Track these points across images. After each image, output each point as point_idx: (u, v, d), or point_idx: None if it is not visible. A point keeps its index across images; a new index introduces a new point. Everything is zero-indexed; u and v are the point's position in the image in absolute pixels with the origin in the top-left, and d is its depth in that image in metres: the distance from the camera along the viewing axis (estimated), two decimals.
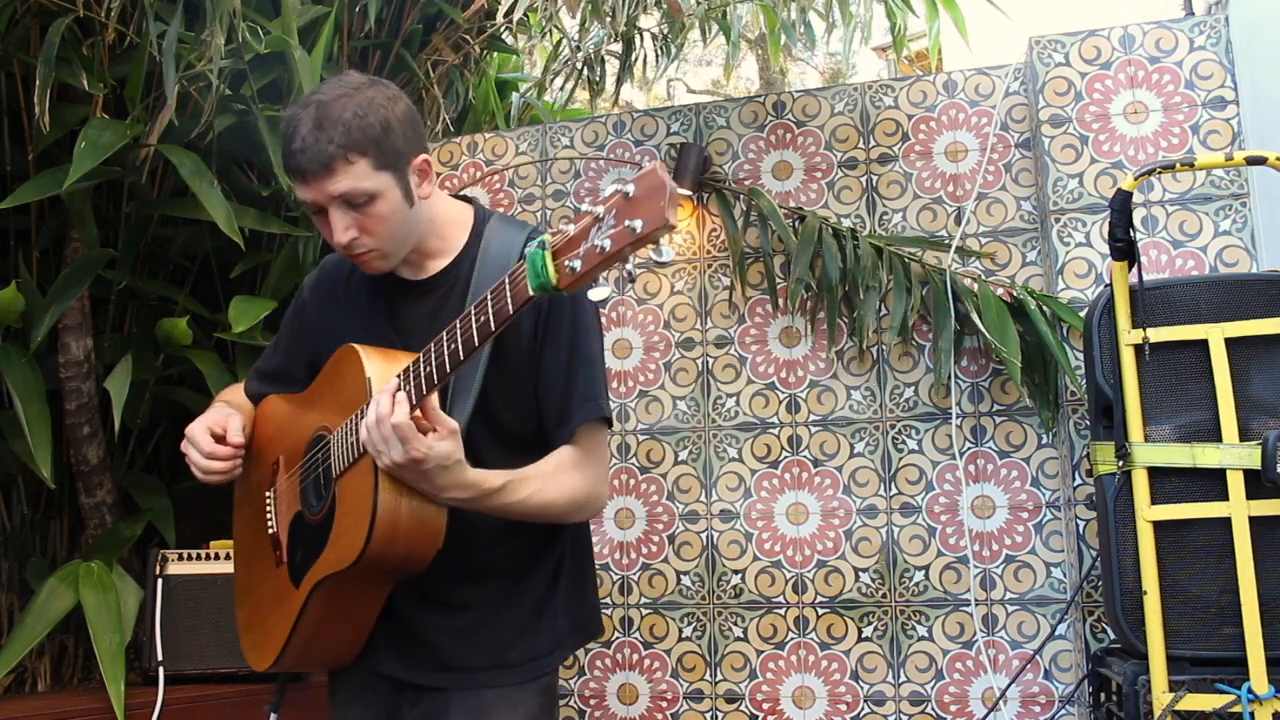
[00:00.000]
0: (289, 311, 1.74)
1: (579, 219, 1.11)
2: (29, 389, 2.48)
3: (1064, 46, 2.92)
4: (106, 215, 2.88)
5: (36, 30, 2.68)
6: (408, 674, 1.53)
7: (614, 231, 1.06)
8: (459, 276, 1.54)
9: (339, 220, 1.43)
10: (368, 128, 1.41)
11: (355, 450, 1.40)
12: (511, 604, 1.53)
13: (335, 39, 3.16)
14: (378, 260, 1.49)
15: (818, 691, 2.97)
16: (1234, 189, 2.73)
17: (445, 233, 1.56)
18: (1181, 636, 2.07)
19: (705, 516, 3.13)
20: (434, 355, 1.30)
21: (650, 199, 1.04)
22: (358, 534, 1.37)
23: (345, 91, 1.43)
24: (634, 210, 1.05)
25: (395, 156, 1.44)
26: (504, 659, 1.51)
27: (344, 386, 1.48)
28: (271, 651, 1.57)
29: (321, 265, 1.72)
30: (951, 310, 2.88)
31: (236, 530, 1.77)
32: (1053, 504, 2.87)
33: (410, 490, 1.37)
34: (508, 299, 1.19)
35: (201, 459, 1.60)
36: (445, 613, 1.52)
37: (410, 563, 1.42)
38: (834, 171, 3.18)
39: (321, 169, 1.40)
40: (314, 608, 1.48)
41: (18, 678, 2.67)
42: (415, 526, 1.38)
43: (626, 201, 1.06)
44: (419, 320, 1.54)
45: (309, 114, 1.41)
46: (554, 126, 3.50)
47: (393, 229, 1.46)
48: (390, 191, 1.44)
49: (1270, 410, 2.10)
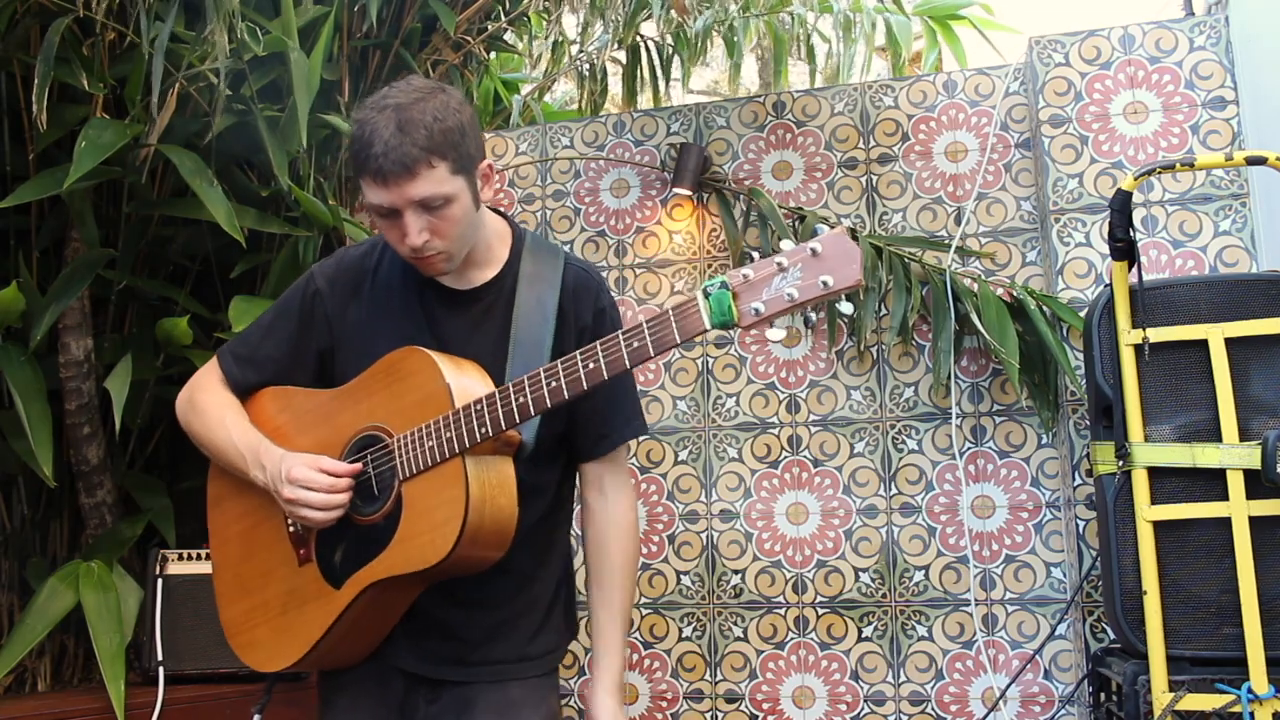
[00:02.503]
0: (294, 300, 1.65)
1: (757, 265, 1.22)
2: (29, 389, 2.47)
3: (1064, 46, 2.92)
4: (106, 215, 2.88)
5: (36, 30, 2.67)
6: (431, 670, 1.54)
7: (802, 284, 1.19)
8: (502, 291, 1.56)
9: (414, 223, 1.43)
10: (448, 131, 1.41)
11: (436, 454, 1.41)
12: (530, 600, 1.58)
13: (335, 39, 3.15)
14: (444, 263, 1.49)
15: (818, 691, 2.97)
16: (1234, 189, 2.73)
17: (491, 243, 1.58)
18: (1181, 636, 2.07)
19: (705, 516, 3.13)
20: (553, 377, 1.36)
21: (842, 259, 1.18)
22: (442, 535, 1.39)
23: (420, 95, 1.43)
24: (823, 267, 1.19)
25: (469, 160, 1.45)
26: (527, 652, 1.56)
27: (409, 389, 1.47)
28: (293, 653, 1.55)
29: (340, 258, 1.67)
30: (951, 310, 2.88)
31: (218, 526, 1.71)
32: (1053, 504, 2.87)
33: (492, 494, 1.41)
34: (673, 330, 1.28)
35: (325, 496, 1.47)
36: (472, 610, 1.54)
37: (480, 564, 1.45)
38: (834, 171, 3.18)
39: (405, 171, 1.39)
40: (357, 609, 1.49)
41: (18, 678, 2.67)
42: (494, 529, 1.42)
43: (815, 258, 1.19)
44: (459, 329, 1.55)
45: (387, 117, 1.40)
46: (554, 126, 3.50)
47: (462, 232, 1.48)
48: (464, 195, 1.45)
49: (1270, 410, 2.11)
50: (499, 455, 1.45)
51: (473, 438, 1.39)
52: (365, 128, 1.41)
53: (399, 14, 3.41)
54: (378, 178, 1.41)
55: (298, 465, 1.49)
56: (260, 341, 1.66)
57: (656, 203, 3.33)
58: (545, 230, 3.41)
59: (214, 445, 1.64)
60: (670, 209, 3.30)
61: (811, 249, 1.19)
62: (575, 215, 3.40)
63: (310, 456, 1.51)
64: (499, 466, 1.44)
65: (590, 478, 1.62)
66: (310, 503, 1.47)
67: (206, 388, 1.68)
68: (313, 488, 1.47)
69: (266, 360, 1.65)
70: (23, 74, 2.70)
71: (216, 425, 1.63)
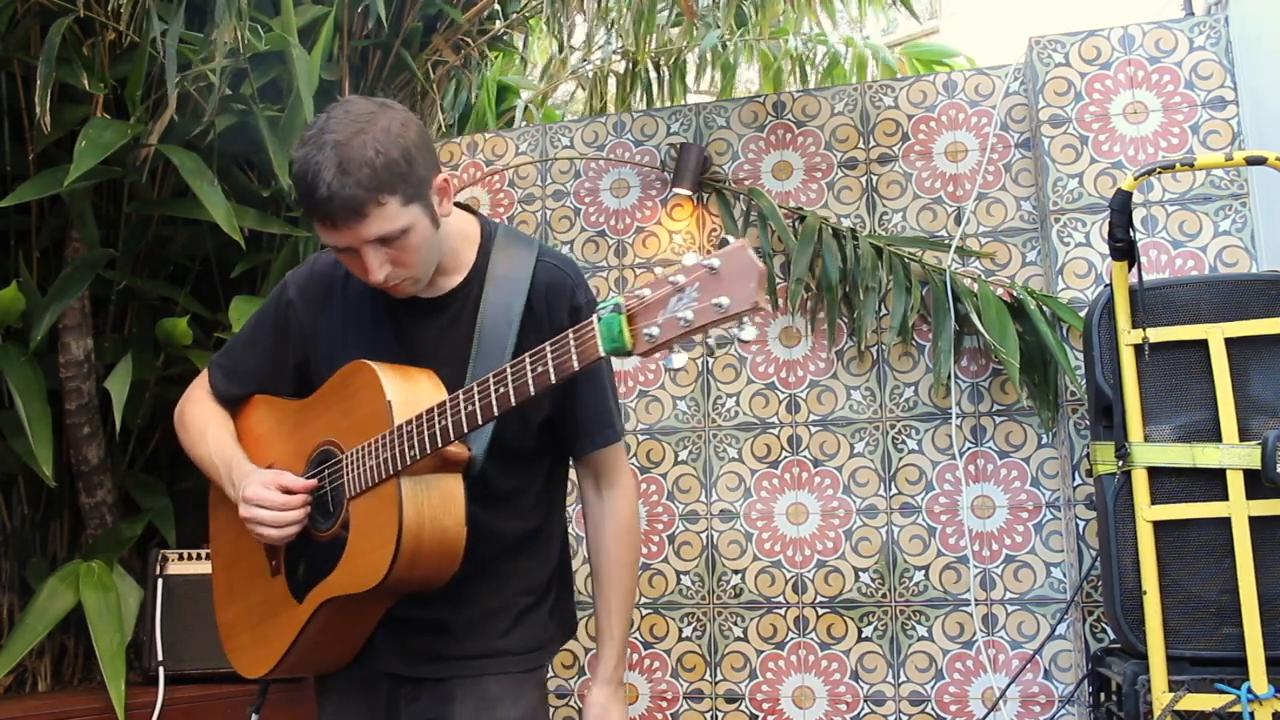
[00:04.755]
0: (270, 310, 1.65)
1: (655, 284, 1.10)
2: (29, 389, 2.48)
3: (1064, 46, 2.92)
4: (106, 215, 2.88)
5: (37, 30, 2.68)
6: (411, 669, 1.54)
7: (698, 306, 1.05)
8: (469, 296, 1.53)
9: (373, 259, 1.39)
10: (392, 164, 1.35)
11: (376, 474, 1.38)
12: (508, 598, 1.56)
13: (335, 39, 3.15)
14: (410, 286, 1.47)
15: (818, 691, 2.97)
16: (1234, 189, 2.73)
17: (457, 248, 1.54)
18: (1181, 636, 2.07)
19: (705, 516, 3.13)
20: (478, 396, 1.29)
21: (739, 278, 1.04)
22: (379, 559, 1.36)
23: (358, 126, 1.36)
24: (720, 287, 1.04)
25: (420, 185, 1.40)
26: (504, 647, 1.54)
27: (357, 404, 1.45)
28: (267, 660, 1.57)
29: (311, 265, 1.65)
30: (951, 310, 2.88)
31: (215, 531, 1.73)
32: (1053, 504, 2.87)
33: (432, 515, 1.37)
34: (573, 355, 1.18)
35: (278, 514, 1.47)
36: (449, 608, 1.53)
37: (428, 584, 1.42)
38: (834, 171, 3.18)
39: (353, 215, 1.34)
40: (318, 623, 1.48)
41: (18, 678, 2.67)
42: (437, 550, 1.38)
43: (712, 275, 1.05)
44: (427, 338, 1.53)
45: (327, 157, 1.33)
46: (554, 126, 3.50)
47: (423, 256, 1.44)
48: (420, 222, 1.40)
49: (1270, 410, 2.10)
50: (444, 473, 1.39)
51: (403, 459, 1.34)
52: (307, 168, 1.34)
53: (399, 14, 3.41)
54: (326, 221, 1.36)
55: (253, 484, 1.50)
56: (241, 354, 1.68)
57: (656, 203, 3.33)
58: (545, 230, 3.41)
59: (198, 460, 1.67)
60: (670, 209, 3.30)
61: (709, 265, 1.06)
62: (575, 215, 3.40)
63: (271, 474, 1.52)
64: (442, 485, 1.38)
65: (583, 475, 1.61)
66: (263, 520, 1.48)
67: (195, 399, 1.71)
68: (266, 505, 1.48)
69: (248, 373, 1.66)
70: (23, 74, 2.71)
71: (199, 440, 1.65)
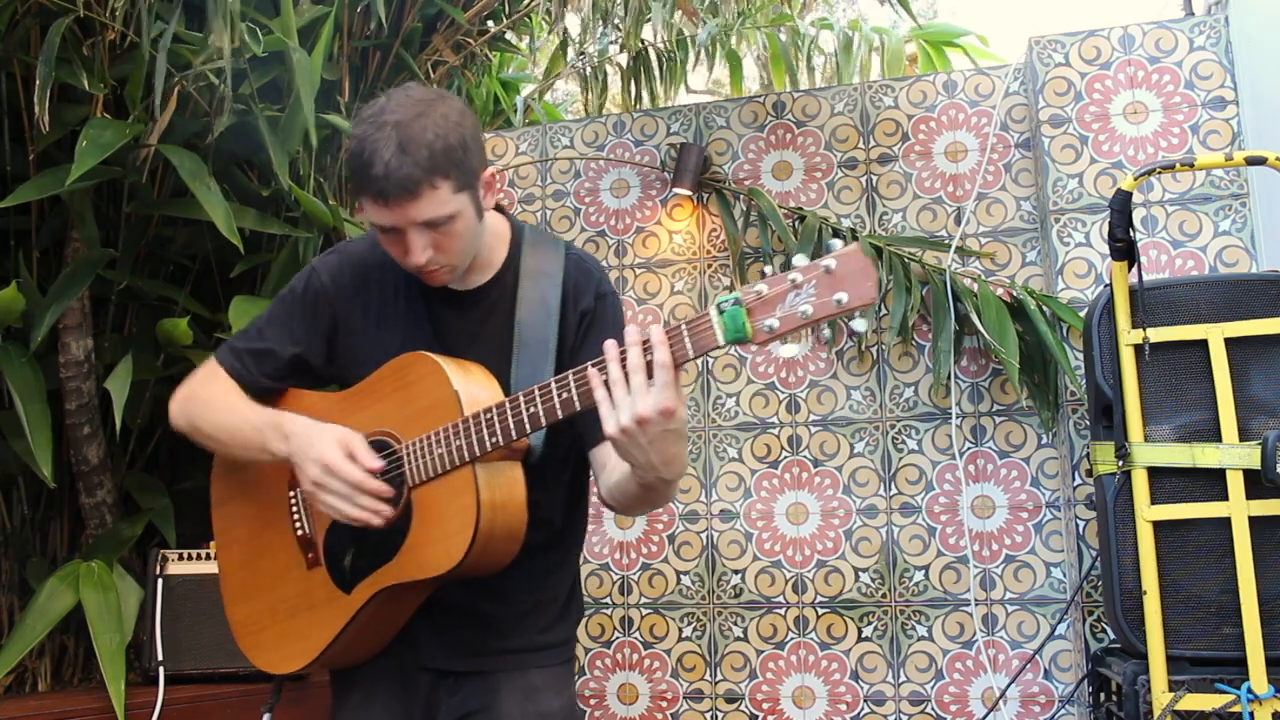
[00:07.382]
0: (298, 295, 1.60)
1: (771, 281, 1.21)
2: (29, 389, 2.47)
3: (1064, 46, 2.92)
4: (106, 215, 2.88)
5: (37, 30, 2.68)
6: (455, 662, 1.55)
7: (817, 301, 1.17)
8: (504, 290, 1.55)
9: (417, 241, 1.41)
10: (450, 149, 1.37)
11: (445, 462, 1.40)
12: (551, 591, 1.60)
13: (335, 39, 3.15)
14: (447, 274, 1.48)
15: (818, 691, 2.97)
16: (1234, 189, 2.73)
17: (491, 244, 1.57)
18: (1181, 636, 2.07)
19: (705, 516, 3.13)
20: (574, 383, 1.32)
21: (858, 277, 1.16)
22: (454, 544, 1.39)
23: (420, 109, 1.38)
24: (838, 285, 1.17)
25: (471, 175, 1.42)
26: (547, 641, 1.58)
27: (417, 394, 1.47)
28: (304, 655, 1.56)
29: (342, 253, 1.63)
30: (951, 310, 2.88)
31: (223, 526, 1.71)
32: (1053, 504, 2.87)
33: (502, 501, 1.40)
34: (687, 345, 1.24)
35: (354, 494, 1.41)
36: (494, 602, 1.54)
37: (492, 568, 1.45)
38: (834, 171, 3.18)
39: (407, 194, 1.36)
40: (369, 612, 1.50)
41: (18, 678, 2.67)
42: (505, 534, 1.42)
43: (828, 275, 1.17)
44: (464, 330, 1.55)
45: (388, 136, 1.35)
46: (554, 126, 3.50)
47: (465, 244, 1.46)
48: (467, 210, 1.42)
49: (1270, 410, 2.11)
50: (508, 460, 1.44)
51: (483, 446, 1.38)
52: (365, 146, 1.37)
53: (399, 14, 3.41)
54: (379, 199, 1.38)
55: (331, 448, 1.43)
56: (273, 336, 1.60)
57: (656, 203, 3.33)
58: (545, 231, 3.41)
59: (224, 430, 1.58)
60: (670, 209, 3.30)
61: (826, 266, 1.18)
62: (575, 215, 3.40)
63: (345, 434, 1.45)
64: (508, 472, 1.44)
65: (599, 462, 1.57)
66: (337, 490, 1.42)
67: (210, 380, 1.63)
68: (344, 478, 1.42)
69: (280, 357, 1.59)
70: (23, 74, 2.70)
71: (226, 410, 1.58)
